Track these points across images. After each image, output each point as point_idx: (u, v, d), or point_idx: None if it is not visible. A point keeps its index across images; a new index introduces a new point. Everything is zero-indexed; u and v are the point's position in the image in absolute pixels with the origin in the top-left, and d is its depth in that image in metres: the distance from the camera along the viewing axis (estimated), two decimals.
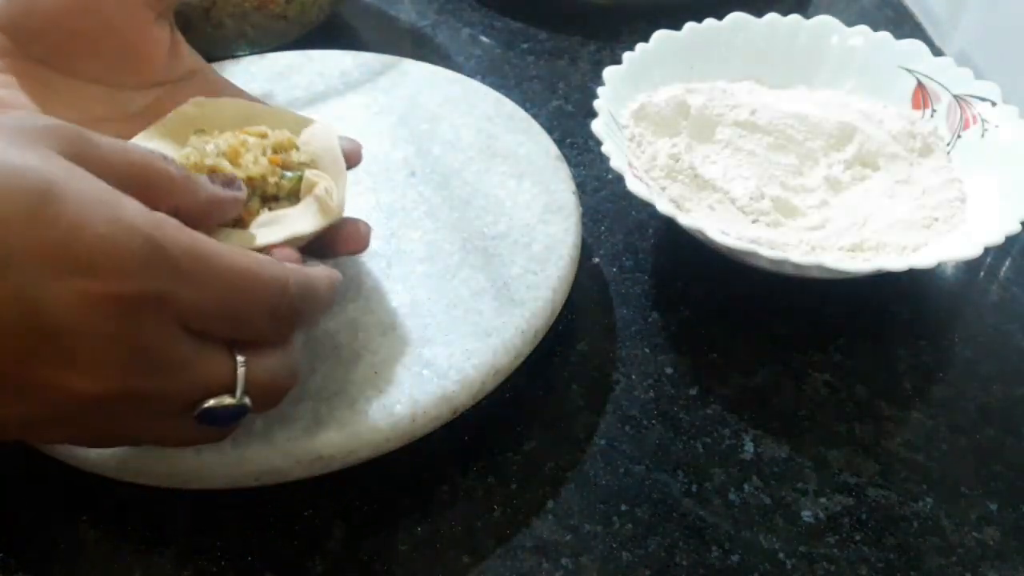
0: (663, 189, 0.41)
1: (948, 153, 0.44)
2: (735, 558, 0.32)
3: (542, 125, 0.45)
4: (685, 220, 0.37)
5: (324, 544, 0.32)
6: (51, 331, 0.22)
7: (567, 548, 0.32)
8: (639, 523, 0.33)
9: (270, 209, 0.32)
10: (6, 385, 0.23)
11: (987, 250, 0.35)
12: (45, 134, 0.23)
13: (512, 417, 0.37)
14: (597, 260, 0.43)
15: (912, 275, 0.39)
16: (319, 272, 0.28)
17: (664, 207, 0.37)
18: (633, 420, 0.37)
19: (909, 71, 0.46)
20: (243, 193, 0.30)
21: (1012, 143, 0.42)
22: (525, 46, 0.58)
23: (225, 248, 0.25)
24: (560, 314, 0.37)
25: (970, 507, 0.34)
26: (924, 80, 0.46)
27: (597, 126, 0.40)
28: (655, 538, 0.33)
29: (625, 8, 0.61)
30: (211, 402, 0.25)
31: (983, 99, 0.44)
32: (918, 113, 0.45)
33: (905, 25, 0.60)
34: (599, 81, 0.43)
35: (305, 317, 0.28)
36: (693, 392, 0.38)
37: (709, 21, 0.47)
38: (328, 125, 0.35)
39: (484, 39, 0.59)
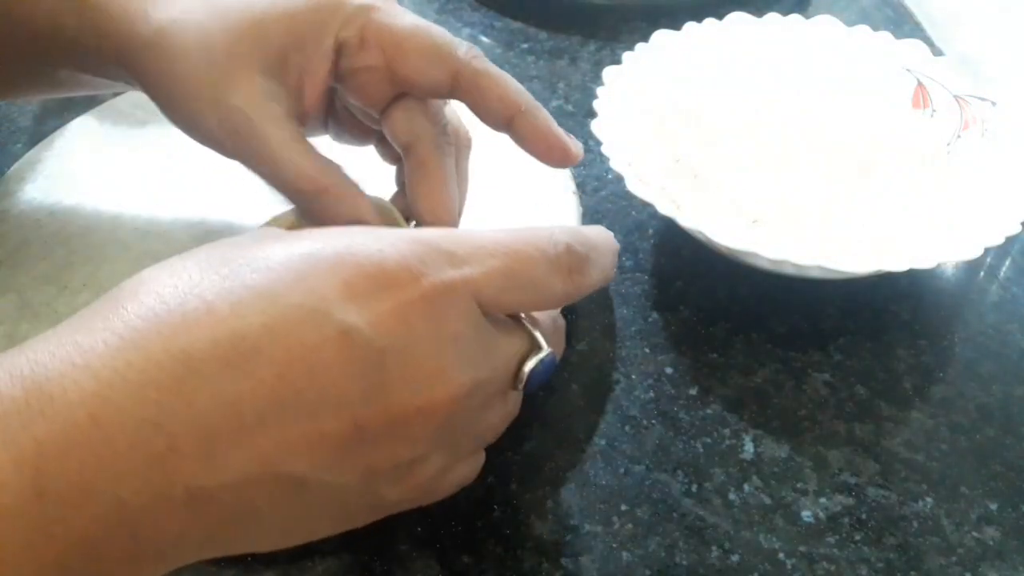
0: (663, 189, 0.41)
1: (948, 153, 0.44)
2: (735, 558, 0.32)
3: None
4: (685, 220, 0.37)
5: (324, 544, 0.32)
6: (381, 356, 0.23)
7: (567, 548, 0.32)
8: (639, 523, 0.33)
9: None
10: (374, 438, 0.23)
11: (987, 250, 0.35)
12: (277, 232, 0.25)
13: None
14: None
15: (912, 275, 0.39)
16: (587, 227, 0.29)
17: (664, 207, 0.37)
18: (633, 420, 0.37)
19: (909, 71, 0.46)
20: None
21: (1012, 143, 0.42)
22: (525, 46, 0.58)
23: (479, 230, 0.26)
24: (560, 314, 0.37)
25: (970, 507, 0.34)
26: (924, 80, 0.46)
27: (597, 126, 0.40)
28: (655, 538, 0.33)
29: (625, 8, 0.61)
30: (531, 362, 0.27)
31: (983, 99, 0.44)
32: (918, 113, 0.45)
33: (905, 25, 0.60)
34: (599, 81, 0.43)
35: (596, 265, 0.28)
36: (693, 392, 0.38)
37: (709, 21, 0.47)
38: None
39: (484, 39, 0.59)
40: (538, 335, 0.27)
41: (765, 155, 0.46)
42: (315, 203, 0.32)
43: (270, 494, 0.23)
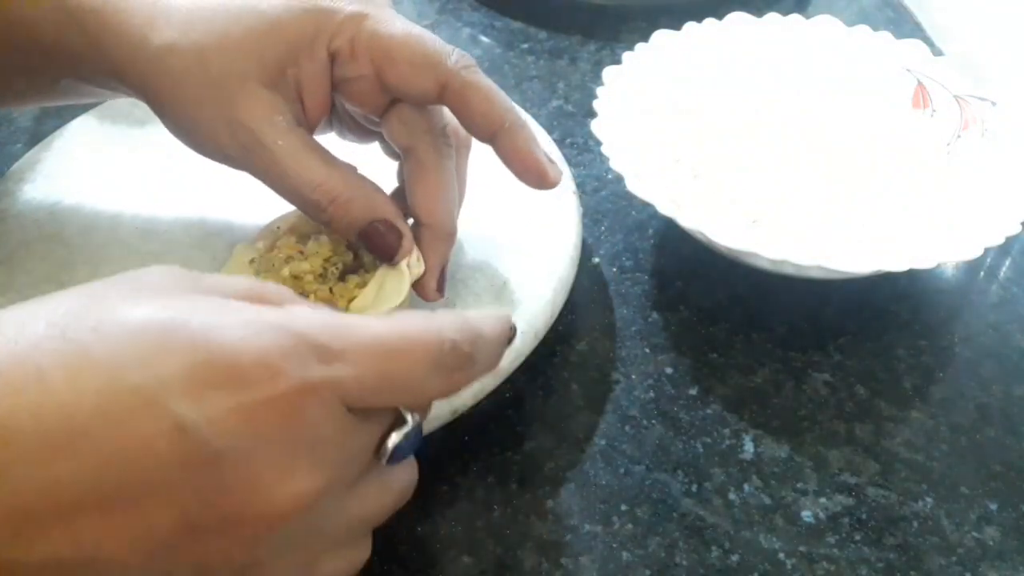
0: (663, 189, 0.41)
1: (948, 153, 0.44)
2: (735, 558, 0.32)
3: (542, 125, 0.45)
4: (685, 220, 0.37)
5: None
6: (218, 457, 0.21)
7: (567, 548, 0.32)
8: (639, 523, 0.33)
9: (357, 285, 0.34)
10: (205, 537, 0.21)
11: (987, 250, 0.35)
12: (157, 279, 0.23)
13: (512, 417, 0.37)
14: (597, 260, 0.43)
15: (912, 275, 0.39)
16: (481, 313, 0.27)
17: (664, 207, 0.37)
18: (633, 420, 0.37)
19: (909, 71, 0.46)
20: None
21: (1012, 143, 0.42)
22: (525, 46, 0.58)
23: (363, 318, 0.24)
24: (560, 314, 0.37)
25: (970, 507, 0.34)
26: (924, 80, 0.46)
27: (597, 126, 0.40)
28: (655, 538, 0.33)
29: (625, 8, 0.61)
30: (393, 438, 0.25)
31: (983, 99, 0.44)
32: (918, 113, 0.45)
33: (905, 25, 0.60)
34: (599, 81, 0.43)
35: (479, 363, 0.26)
36: (693, 392, 0.38)
37: (709, 21, 0.47)
38: None
39: (484, 39, 0.59)
40: (405, 412, 0.25)
41: (765, 155, 0.46)
42: (326, 213, 0.33)
43: None
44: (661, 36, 0.46)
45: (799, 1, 0.62)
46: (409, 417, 0.25)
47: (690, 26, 0.47)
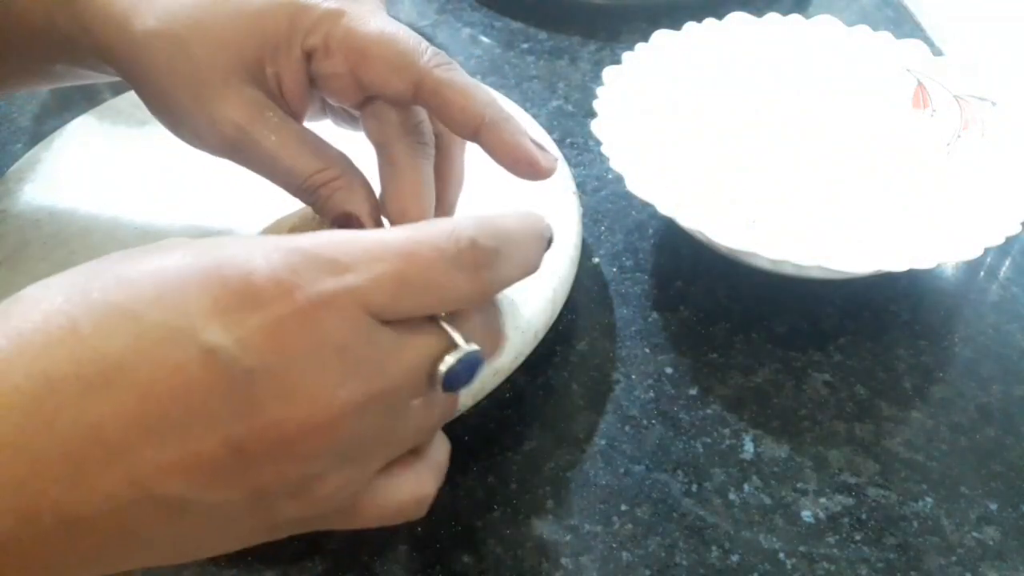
0: (663, 189, 0.41)
1: (948, 153, 0.44)
2: (735, 558, 0.32)
3: (542, 125, 0.45)
4: (685, 220, 0.37)
5: (324, 544, 0.32)
6: (249, 375, 0.21)
7: (567, 548, 0.32)
8: (639, 523, 0.33)
9: None
10: (254, 458, 0.22)
11: (987, 250, 0.35)
12: (165, 243, 0.24)
13: (512, 417, 0.37)
14: (597, 260, 0.43)
15: (912, 275, 0.39)
16: (505, 212, 0.26)
17: (664, 207, 0.37)
18: (633, 420, 0.37)
19: (909, 71, 0.46)
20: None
21: (1012, 143, 0.42)
22: (525, 46, 0.58)
23: (372, 230, 0.25)
24: (560, 314, 0.37)
25: (970, 507, 0.34)
26: (924, 80, 0.46)
27: (597, 126, 0.40)
28: (655, 538, 0.33)
29: (625, 8, 0.61)
30: (447, 361, 0.24)
31: (983, 99, 0.44)
32: (918, 113, 0.45)
33: (905, 25, 0.60)
34: (599, 81, 0.43)
35: (509, 258, 0.25)
36: (693, 392, 0.38)
37: (709, 21, 0.47)
38: None
39: (484, 39, 0.59)
40: (454, 333, 0.25)
41: (765, 155, 0.46)
42: (318, 197, 0.33)
43: (148, 518, 0.22)
44: (661, 36, 0.46)
45: (799, 1, 0.62)
46: (462, 342, 0.24)
47: (690, 26, 0.47)
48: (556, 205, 0.40)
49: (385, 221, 0.33)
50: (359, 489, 0.25)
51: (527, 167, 0.32)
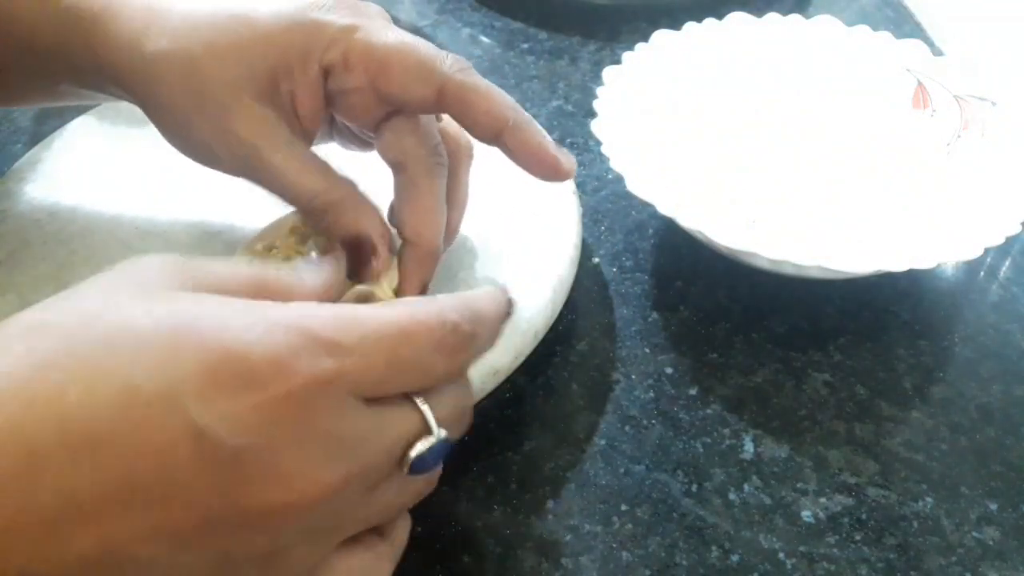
0: (663, 189, 0.41)
1: (948, 153, 0.44)
2: (735, 558, 0.32)
3: (542, 125, 0.45)
4: (685, 220, 0.37)
5: None
6: (236, 455, 0.21)
7: (567, 548, 0.32)
8: (639, 523, 0.33)
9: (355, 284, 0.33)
10: (227, 530, 0.22)
11: (987, 250, 0.35)
12: (160, 275, 0.24)
13: (512, 417, 0.37)
14: (597, 260, 0.43)
15: (912, 275, 0.39)
16: (478, 292, 0.27)
17: (664, 207, 0.37)
18: (633, 420, 0.37)
19: (909, 71, 0.46)
20: (342, 257, 0.31)
21: (1012, 143, 0.42)
22: (525, 46, 0.58)
23: (368, 308, 0.25)
24: (560, 314, 0.37)
25: (970, 507, 0.34)
26: (924, 80, 0.46)
27: (597, 126, 0.40)
28: (655, 538, 0.33)
29: (625, 8, 0.61)
30: (417, 447, 0.25)
31: (983, 99, 0.44)
32: (918, 113, 0.45)
33: (905, 25, 0.60)
34: (599, 81, 0.43)
35: (480, 339, 0.26)
36: (693, 392, 0.38)
37: (709, 21, 0.47)
38: None
39: (484, 39, 0.59)
40: (430, 417, 0.25)
41: (765, 155, 0.46)
42: (324, 219, 0.33)
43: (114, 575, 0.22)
44: (661, 36, 0.46)
45: (799, 1, 0.62)
46: (435, 429, 0.25)
47: (690, 26, 0.47)
48: (556, 205, 0.40)
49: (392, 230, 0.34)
50: (319, 562, 0.25)
51: (550, 169, 0.33)
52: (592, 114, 0.41)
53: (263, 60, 0.32)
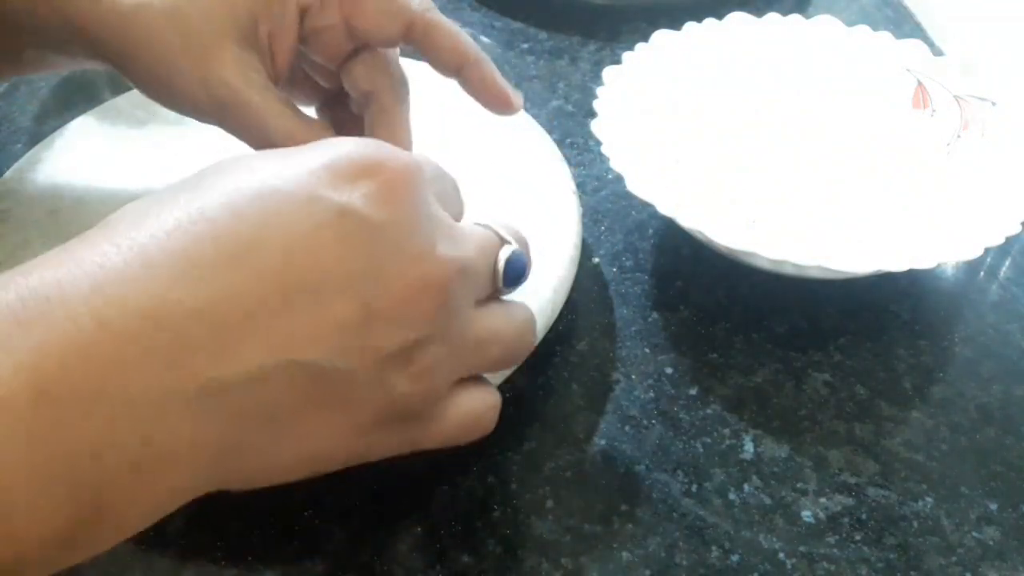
0: (663, 189, 0.41)
1: (948, 153, 0.44)
2: (735, 558, 0.32)
3: (542, 125, 0.45)
4: (685, 220, 0.37)
5: (324, 544, 0.32)
6: (378, 229, 0.24)
7: (567, 548, 0.32)
8: (639, 523, 0.33)
9: None
10: (380, 320, 0.24)
11: (987, 250, 0.35)
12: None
13: (512, 417, 0.36)
14: (597, 260, 0.43)
15: (912, 275, 0.39)
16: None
17: (665, 207, 0.37)
18: (633, 420, 0.37)
19: (909, 71, 0.46)
20: None
21: (1012, 143, 0.42)
22: (525, 46, 0.58)
23: None
24: (560, 314, 0.37)
25: (970, 507, 0.34)
26: (924, 80, 0.46)
27: (597, 126, 0.40)
28: (655, 538, 0.33)
29: (625, 8, 0.61)
30: (502, 254, 0.28)
31: (983, 99, 0.44)
32: (918, 113, 0.45)
33: (905, 25, 0.60)
34: (599, 81, 0.43)
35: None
36: (693, 392, 0.38)
37: (709, 21, 0.47)
38: None
39: (484, 39, 0.59)
40: (499, 229, 0.28)
41: (765, 155, 0.46)
42: None
43: (284, 387, 0.23)
44: (661, 36, 0.46)
45: (799, 1, 0.62)
46: (508, 238, 0.28)
47: (690, 26, 0.47)
48: (556, 205, 0.40)
49: None
50: (446, 382, 0.27)
51: (503, 103, 0.36)
52: (592, 114, 0.41)
53: (245, 4, 0.33)
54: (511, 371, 0.35)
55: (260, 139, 0.33)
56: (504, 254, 0.28)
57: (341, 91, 0.37)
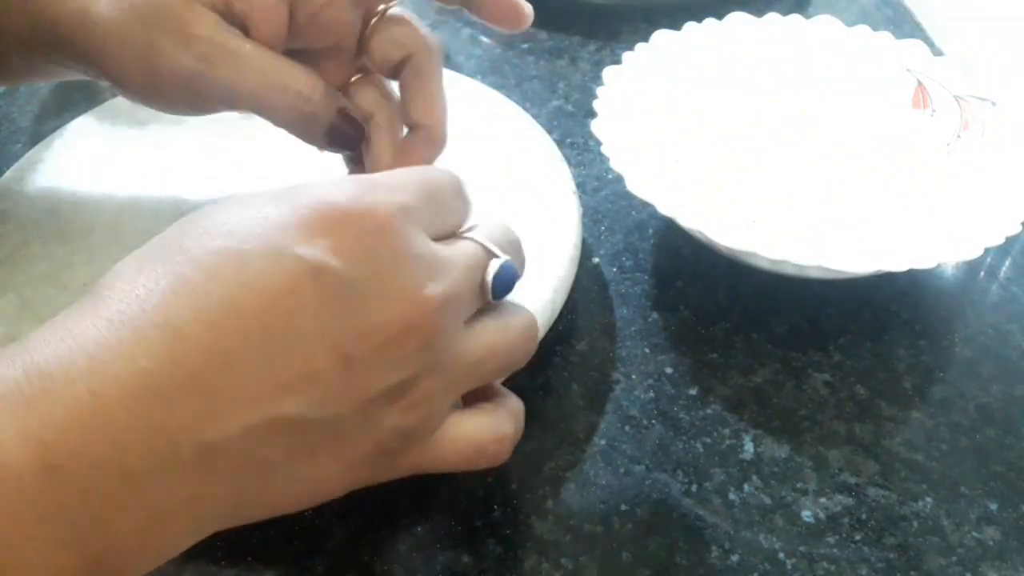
0: (663, 189, 0.41)
1: (948, 153, 0.44)
2: (735, 558, 0.32)
3: (542, 125, 0.45)
4: (685, 220, 0.37)
5: (324, 544, 0.32)
6: (354, 284, 0.24)
7: (567, 548, 0.32)
8: (639, 523, 0.33)
9: None
10: (362, 366, 0.24)
11: (987, 250, 0.35)
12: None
13: None
14: (597, 260, 0.43)
15: (912, 275, 0.39)
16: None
17: (664, 207, 0.37)
18: (633, 420, 0.37)
19: (909, 71, 0.46)
20: None
21: (1012, 143, 0.42)
22: (525, 46, 0.58)
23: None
24: (560, 314, 0.37)
25: (970, 507, 0.34)
26: (924, 80, 0.46)
27: (597, 126, 0.40)
28: (655, 538, 0.33)
29: (625, 8, 0.61)
30: (490, 269, 0.28)
31: (983, 99, 0.44)
32: (918, 113, 0.45)
33: (905, 25, 0.60)
34: (599, 81, 0.43)
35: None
36: (693, 392, 0.38)
37: (709, 21, 0.47)
38: None
39: (484, 39, 0.59)
40: (487, 243, 0.28)
41: (765, 155, 0.46)
42: (308, 105, 0.33)
43: (273, 440, 0.23)
44: (661, 36, 0.46)
45: (799, 1, 0.62)
46: (497, 251, 0.28)
47: (690, 26, 0.47)
48: (556, 205, 0.40)
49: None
50: (443, 408, 0.27)
51: (516, 14, 0.36)
52: (592, 114, 0.41)
53: None
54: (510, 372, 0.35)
55: (253, 86, 0.32)
56: (492, 269, 0.28)
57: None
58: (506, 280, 0.28)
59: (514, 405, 0.30)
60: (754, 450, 0.36)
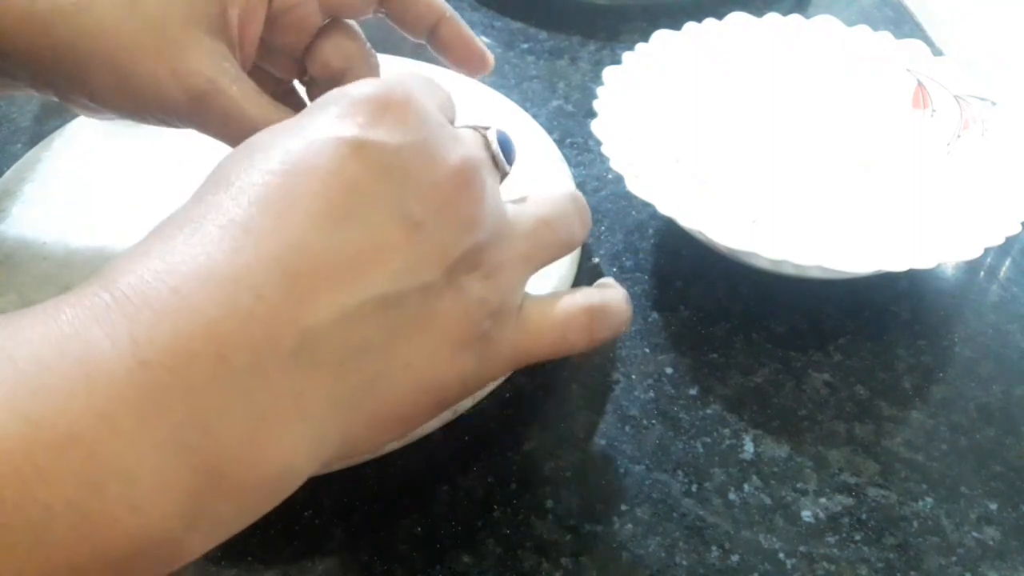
0: (663, 189, 0.41)
1: (948, 153, 0.44)
2: (735, 558, 0.32)
3: (542, 125, 0.45)
4: (685, 220, 0.37)
5: (324, 544, 0.32)
6: (397, 153, 0.25)
7: (567, 548, 0.32)
8: (639, 523, 0.33)
9: None
10: (429, 228, 0.25)
11: (987, 250, 0.35)
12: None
13: (512, 417, 0.37)
14: (597, 260, 0.43)
15: (912, 275, 0.39)
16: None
17: (665, 207, 0.37)
18: (633, 420, 0.37)
19: (909, 71, 0.46)
20: None
21: (1012, 143, 0.42)
22: (525, 46, 0.58)
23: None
24: None
25: (970, 507, 0.34)
26: (924, 80, 0.46)
27: (597, 126, 0.40)
28: (655, 538, 0.33)
29: (625, 8, 0.61)
30: (490, 136, 0.29)
31: (983, 99, 0.44)
32: (918, 113, 0.45)
33: (905, 25, 0.60)
34: (599, 81, 0.43)
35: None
36: (693, 392, 0.38)
37: (709, 21, 0.47)
38: None
39: (484, 39, 0.59)
40: (474, 124, 0.29)
41: (765, 155, 0.46)
42: None
43: (369, 321, 0.23)
44: (661, 36, 0.46)
45: (799, 1, 0.62)
46: (488, 126, 0.29)
47: (690, 26, 0.47)
48: None
49: None
50: (520, 279, 0.28)
51: (478, 60, 0.37)
52: (592, 114, 0.41)
53: None
54: (510, 372, 0.35)
55: (237, 129, 0.32)
56: (492, 136, 0.29)
57: (291, 83, 0.38)
58: (508, 146, 0.29)
59: (607, 283, 0.31)
60: (754, 450, 0.36)
